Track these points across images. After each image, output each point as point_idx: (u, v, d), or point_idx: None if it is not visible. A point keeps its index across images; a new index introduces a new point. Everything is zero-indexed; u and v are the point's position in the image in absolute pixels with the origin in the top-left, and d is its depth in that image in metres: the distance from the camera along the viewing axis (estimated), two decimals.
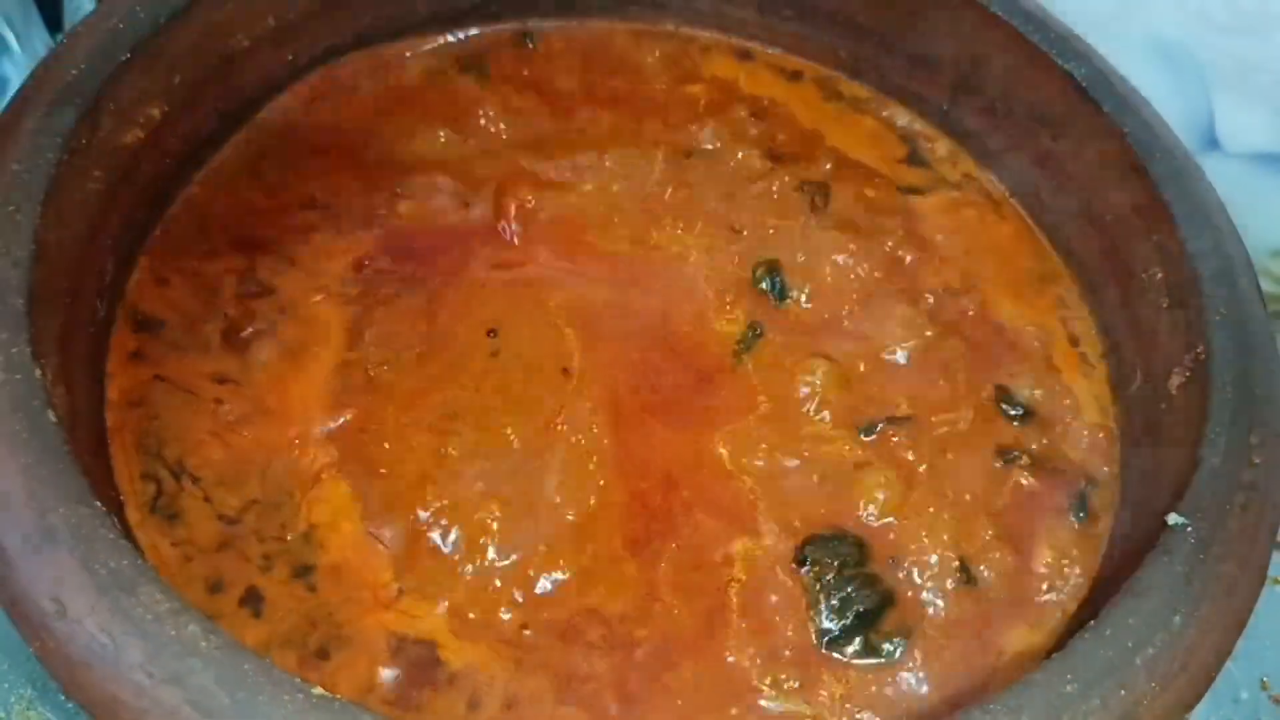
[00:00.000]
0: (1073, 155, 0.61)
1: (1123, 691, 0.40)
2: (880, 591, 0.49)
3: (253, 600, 0.46)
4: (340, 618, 0.46)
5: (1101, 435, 0.55)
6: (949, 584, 0.50)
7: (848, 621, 0.48)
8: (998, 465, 0.54)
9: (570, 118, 0.65)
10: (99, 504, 0.39)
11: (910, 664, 0.48)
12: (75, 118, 0.48)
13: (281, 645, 0.45)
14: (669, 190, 0.62)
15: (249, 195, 0.58)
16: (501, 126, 0.64)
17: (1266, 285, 0.72)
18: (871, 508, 0.51)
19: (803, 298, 0.58)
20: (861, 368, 0.56)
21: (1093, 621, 0.41)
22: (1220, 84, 0.77)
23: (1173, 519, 0.44)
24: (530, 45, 0.68)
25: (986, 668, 0.48)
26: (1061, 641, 0.45)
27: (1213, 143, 0.79)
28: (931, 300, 0.59)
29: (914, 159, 0.67)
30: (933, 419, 0.55)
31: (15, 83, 0.66)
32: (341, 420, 0.51)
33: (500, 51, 0.67)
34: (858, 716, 0.46)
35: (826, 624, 0.48)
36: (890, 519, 0.51)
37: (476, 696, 0.45)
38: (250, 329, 0.53)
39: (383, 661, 0.45)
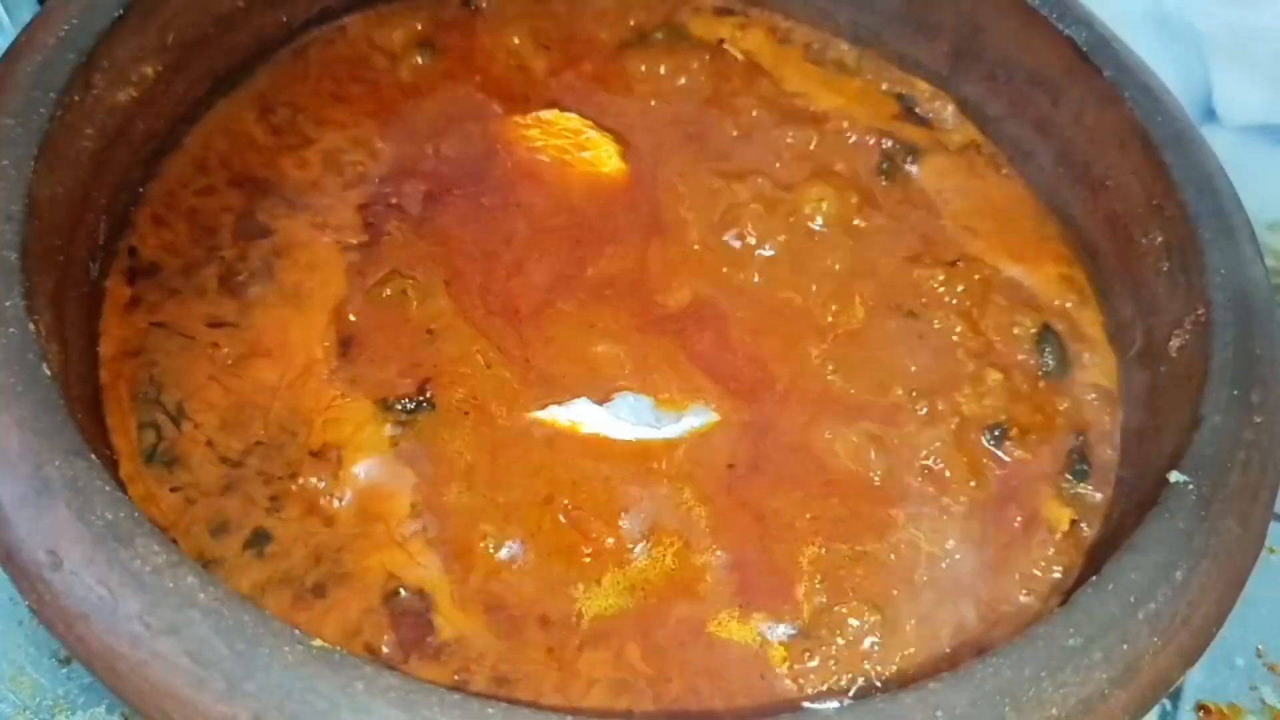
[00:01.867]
0: (1072, 120, 0.61)
1: (1125, 645, 0.40)
2: None
3: (259, 541, 0.46)
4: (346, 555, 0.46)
5: (1104, 395, 0.55)
6: None
7: None
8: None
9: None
10: (94, 457, 0.39)
11: None
12: (68, 74, 0.48)
13: (280, 584, 0.45)
14: None
15: (251, 132, 0.59)
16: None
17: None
18: None
19: None
20: None
21: (1095, 577, 0.41)
22: (1218, 56, 0.77)
23: (1174, 476, 0.44)
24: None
25: None
26: (1064, 597, 0.44)
27: (1210, 114, 0.79)
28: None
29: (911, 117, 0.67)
30: None
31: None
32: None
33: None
34: None
35: None
36: None
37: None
38: (246, 272, 0.53)
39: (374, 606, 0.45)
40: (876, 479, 0.52)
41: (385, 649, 0.45)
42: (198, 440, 0.48)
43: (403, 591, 0.46)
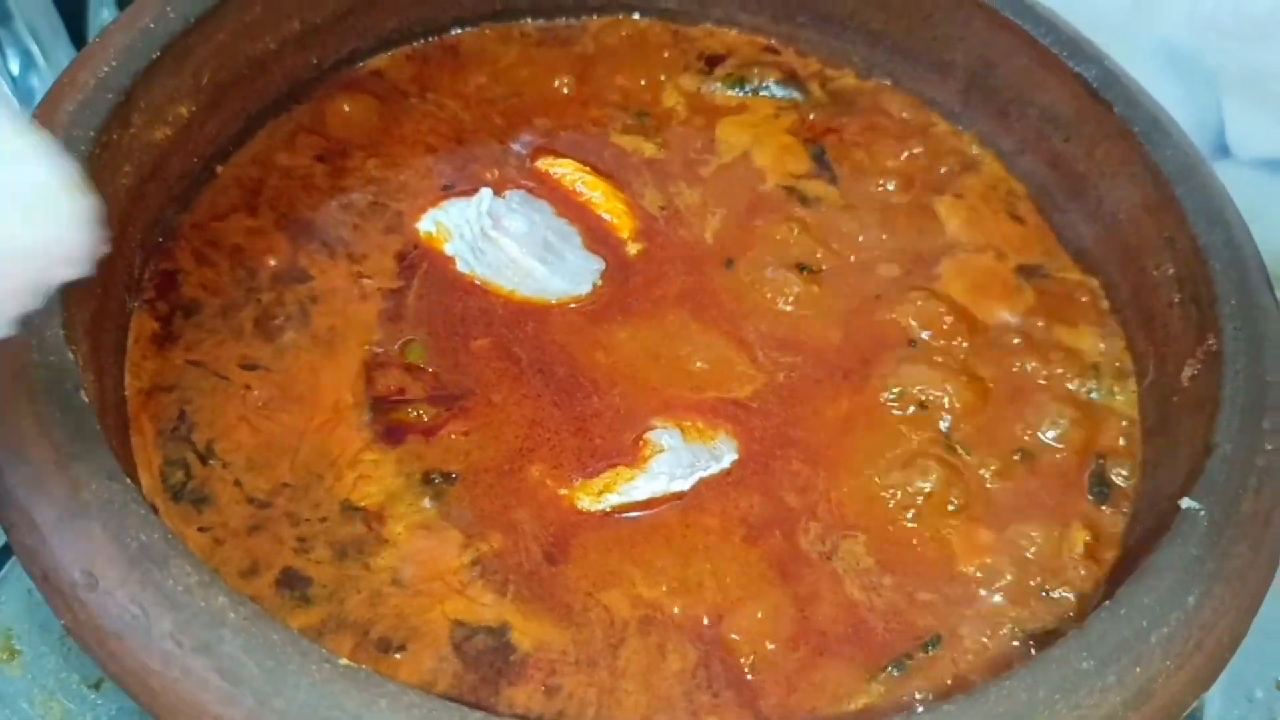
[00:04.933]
0: (1084, 156, 0.62)
1: (1138, 669, 0.40)
2: None
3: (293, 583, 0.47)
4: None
5: (1125, 424, 0.56)
6: None
7: None
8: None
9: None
10: (129, 481, 0.40)
11: None
12: (107, 113, 0.49)
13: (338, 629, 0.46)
14: None
15: (295, 170, 0.60)
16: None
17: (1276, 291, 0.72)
18: None
19: None
20: None
21: (1109, 601, 0.42)
22: (1230, 90, 0.78)
23: (1186, 503, 0.45)
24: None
25: None
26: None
27: (1224, 149, 0.80)
28: None
29: None
30: None
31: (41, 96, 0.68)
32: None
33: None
34: None
35: None
36: None
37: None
38: (282, 316, 0.54)
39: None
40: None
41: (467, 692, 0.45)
42: (226, 480, 0.49)
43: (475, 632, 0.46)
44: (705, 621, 0.47)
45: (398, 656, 0.45)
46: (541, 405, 0.53)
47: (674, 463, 0.51)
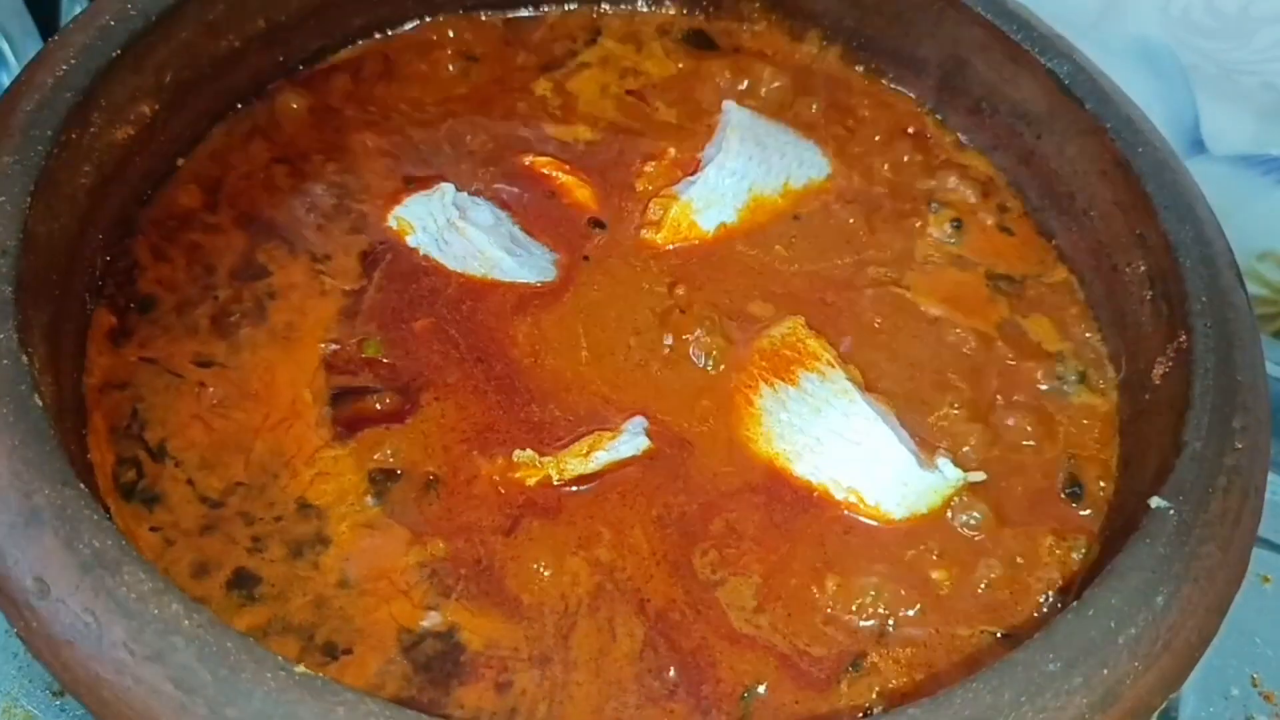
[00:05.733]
0: (1056, 152, 0.62)
1: (1105, 670, 0.40)
2: None
3: (243, 583, 0.46)
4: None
5: (1095, 419, 0.56)
6: None
7: None
8: None
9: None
10: (83, 486, 0.39)
11: None
12: (66, 113, 0.49)
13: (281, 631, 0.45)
14: None
15: (257, 170, 0.59)
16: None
17: (1253, 288, 0.72)
18: None
19: None
20: None
21: (1075, 602, 0.42)
22: (1205, 88, 0.78)
23: (1155, 502, 0.45)
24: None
25: None
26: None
27: (1199, 145, 0.80)
28: None
29: None
30: None
31: None
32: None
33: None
34: None
35: None
36: None
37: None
38: (239, 312, 0.53)
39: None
40: None
41: (417, 694, 0.44)
42: (178, 479, 0.48)
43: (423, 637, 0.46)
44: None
45: (343, 660, 0.45)
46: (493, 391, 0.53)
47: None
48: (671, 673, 0.46)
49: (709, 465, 0.52)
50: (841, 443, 0.52)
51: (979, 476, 0.52)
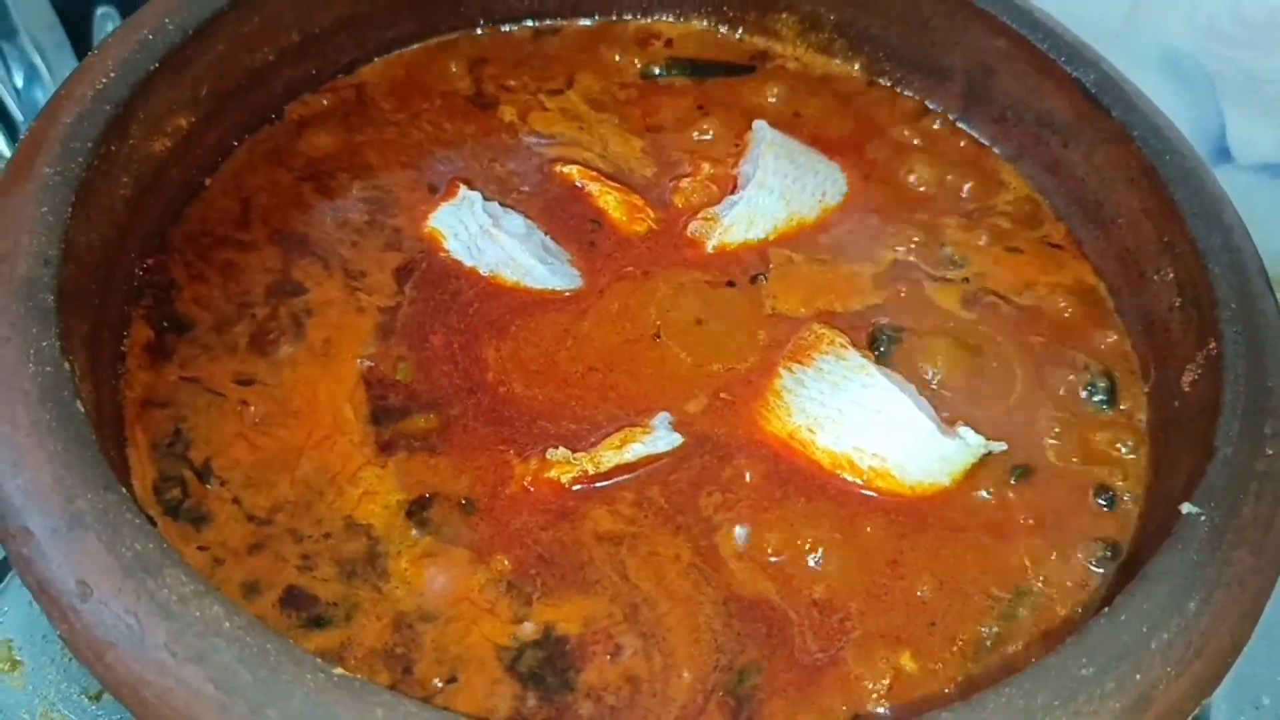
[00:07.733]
0: (1083, 160, 0.62)
1: (1138, 675, 0.40)
2: None
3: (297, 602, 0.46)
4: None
5: (1126, 429, 0.56)
6: None
7: None
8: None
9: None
10: (125, 491, 0.40)
11: None
12: (105, 125, 0.50)
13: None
14: None
15: (290, 185, 0.60)
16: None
17: None
18: None
19: None
20: None
21: (1108, 607, 0.42)
22: (1231, 97, 0.78)
23: (1186, 508, 0.45)
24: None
25: None
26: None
27: (1225, 153, 0.79)
28: None
29: None
30: None
31: None
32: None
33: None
34: None
35: None
36: None
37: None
38: (277, 330, 0.54)
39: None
40: None
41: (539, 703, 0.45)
42: (224, 498, 0.48)
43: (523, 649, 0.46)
44: None
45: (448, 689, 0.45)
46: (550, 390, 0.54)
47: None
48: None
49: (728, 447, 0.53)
50: (862, 412, 0.52)
51: (1000, 446, 0.53)
